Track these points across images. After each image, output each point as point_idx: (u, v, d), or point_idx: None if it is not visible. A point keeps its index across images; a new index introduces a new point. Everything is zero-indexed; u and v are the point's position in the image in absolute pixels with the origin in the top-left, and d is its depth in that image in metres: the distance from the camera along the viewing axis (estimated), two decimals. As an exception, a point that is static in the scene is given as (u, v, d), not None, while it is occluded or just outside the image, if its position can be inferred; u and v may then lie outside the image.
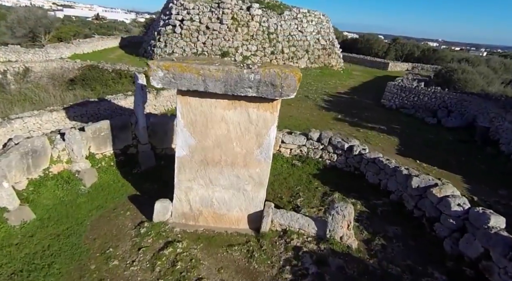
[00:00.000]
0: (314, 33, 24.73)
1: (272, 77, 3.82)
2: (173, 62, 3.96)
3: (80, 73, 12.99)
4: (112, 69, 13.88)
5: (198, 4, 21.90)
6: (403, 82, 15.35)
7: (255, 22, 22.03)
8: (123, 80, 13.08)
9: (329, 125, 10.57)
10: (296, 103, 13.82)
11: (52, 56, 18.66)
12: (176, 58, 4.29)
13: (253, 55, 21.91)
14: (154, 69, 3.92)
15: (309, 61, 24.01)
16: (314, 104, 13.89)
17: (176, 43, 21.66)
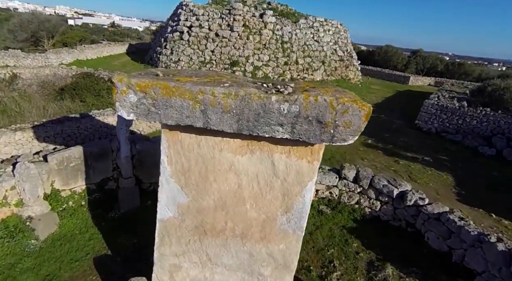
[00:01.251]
0: (331, 44, 23.39)
1: (320, 110, 2.26)
2: (155, 80, 2.46)
3: (72, 81, 11.79)
4: (109, 78, 12.68)
5: (208, 10, 20.95)
6: (441, 100, 13.60)
7: (268, 30, 20.87)
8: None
9: (359, 154, 8.83)
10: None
11: (53, 62, 17.77)
12: (163, 72, 2.80)
13: (265, 66, 20.62)
14: (122, 90, 2.42)
15: (325, 73, 22.56)
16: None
17: (183, 50, 20.61)
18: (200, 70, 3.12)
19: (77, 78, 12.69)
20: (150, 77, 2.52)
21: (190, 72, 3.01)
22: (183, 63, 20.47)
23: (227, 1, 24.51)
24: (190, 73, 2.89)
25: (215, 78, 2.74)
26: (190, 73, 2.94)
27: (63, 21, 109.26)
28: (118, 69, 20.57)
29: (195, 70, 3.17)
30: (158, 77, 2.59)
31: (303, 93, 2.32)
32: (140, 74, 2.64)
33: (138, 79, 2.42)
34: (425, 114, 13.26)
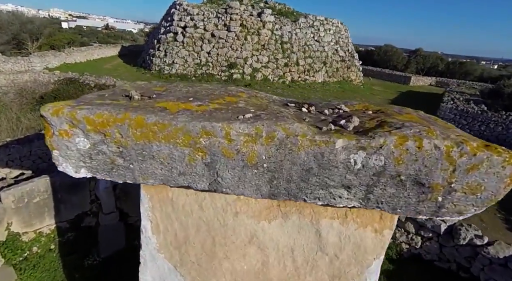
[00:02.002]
0: (332, 44, 22.51)
1: (425, 164, 1.24)
2: (122, 110, 1.43)
3: (54, 88, 10.66)
4: (95, 84, 11.57)
5: (203, 10, 19.90)
6: (457, 104, 12.74)
7: (267, 30, 19.90)
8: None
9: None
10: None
11: (36, 66, 16.54)
12: (141, 91, 1.78)
13: (265, 67, 19.63)
14: (61, 131, 1.37)
15: (327, 74, 21.67)
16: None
17: (177, 52, 19.53)
18: (201, 86, 2.09)
19: (59, 85, 11.55)
20: (115, 104, 1.48)
21: (185, 89, 1.97)
22: (178, 65, 19.38)
23: (222, 1, 23.49)
24: (184, 92, 1.86)
25: (226, 101, 1.72)
26: (185, 91, 1.91)
27: (56, 23, 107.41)
28: (108, 73, 19.39)
29: (192, 86, 2.12)
30: (131, 102, 1.56)
31: (391, 133, 1.30)
32: (100, 97, 1.60)
33: (92, 110, 1.37)
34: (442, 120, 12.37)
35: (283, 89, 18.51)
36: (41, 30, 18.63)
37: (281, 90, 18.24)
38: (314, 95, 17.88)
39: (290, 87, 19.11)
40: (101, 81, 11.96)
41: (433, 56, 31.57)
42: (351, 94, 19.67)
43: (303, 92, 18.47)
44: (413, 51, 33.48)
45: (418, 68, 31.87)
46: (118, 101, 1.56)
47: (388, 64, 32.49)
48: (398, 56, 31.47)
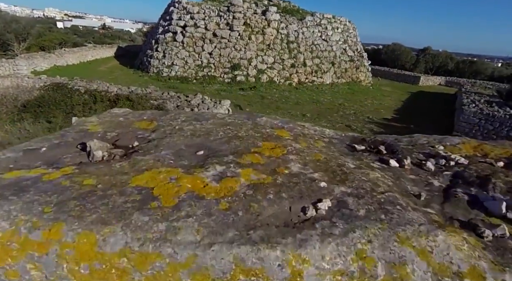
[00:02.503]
0: (341, 43, 21.34)
1: None
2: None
3: (38, 95, 9.44)
4: (85, 90, 10.37)
5: (203, 8, 18.68)
6: (478, 105, 11.60)
7: (272, 29, 18.70)
8: (97, 106, 9.48)
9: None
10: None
11: (23, 70, 15.30)
12: (108, 129, 1.07)
13: (270, 68, 18.44)
14: None
15: (335, 75, 20.50)
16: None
17: (176, 53, 18.31)
18: (214, 117, 0.99)
19: (45, 91, 10.33)
20: (37, 193, 0.46)
21: (189, 127, 1.09)
22: (177, 67, 18.16)
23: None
24: (189, 135, 1.00)
25: (264, 155, 0.97)
26: (189, 132, 1.03)
27: (50, 23, 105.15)
28: (102, 76, 18.15)
29: (199, 118, 0.96)
30: (86, 168, 0.62)
31: None
32: (27, 155, 0.60)
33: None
34: (465, 125, 11.25)
35: (290, 91, 17.33)
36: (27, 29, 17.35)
37: (288, 93, 17.06)
38: (323, 97, 16.71)
39: (298, 90, 17.93)
40: (92, 87, 10.74)
41: (442, 55, 30.45)
42: (361, 96, 18.51)
43: (311, 94, 17.30)
44: (422, 50, 32.37)
45: (427, 67, 30.75)
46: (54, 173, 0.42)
47: (396, 64, 31.35)
48: (406, 55, 30.33)
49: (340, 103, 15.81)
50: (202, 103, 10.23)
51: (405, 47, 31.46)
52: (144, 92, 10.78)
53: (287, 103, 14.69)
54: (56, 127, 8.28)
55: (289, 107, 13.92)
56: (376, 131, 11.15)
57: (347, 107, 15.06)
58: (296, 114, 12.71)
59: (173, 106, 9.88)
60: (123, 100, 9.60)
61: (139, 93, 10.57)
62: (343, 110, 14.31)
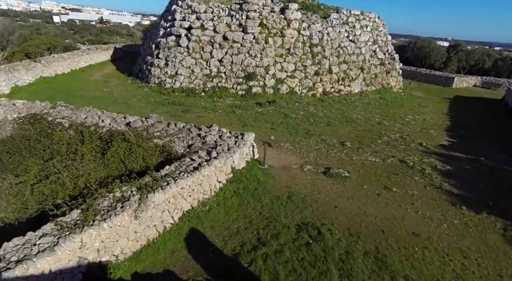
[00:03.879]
0: (370, 44, 18.77)
1: None
2: None
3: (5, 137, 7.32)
4: (71, 123, 8.23)
5: (211, 6, 16.25)
6: None
7: (293, 30, 16.22)
8: (86, 147, 7.32)
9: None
10: (399, 186, 7.86)
11: (2, 86, 13.16)
12: None
13: (290, 77, 16.05)
14: None
15: (365, 82, 18.02)
16: (434, 190, 7.83)
17: (181, 61, 15.99)
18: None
19: (19, 126, 8.20)
20: None
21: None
22: (182, 77, 15.88)
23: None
24: None
25: None
26: None
27: (48, 17, 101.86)
28: (95, 88, 15.92)
29: None
30: None
31: None
32: None
33: None
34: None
35: (315, 105, 14.98)
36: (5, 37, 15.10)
37: (314, 107, 14.72)
38: (356, 113, 14.35)
39: (323, 102, 15.56)
40: (79, 117, 8.52)
41: (478, 51, 27.56)
42: (398, 109, 16.07)
43: (341, 108, 14.93)
44: (452, 46, 29.46)
45: (459, 66, 27.94)
46: None
47: (424, 62, 28.59)
48: (436, 53, 27.51)
49: (378, 121, 13.43)
50: (220, 140, 8.01)
51: (434, 43, 28.62)
52: (146, 124, 8.56)
53: (317, 124, 12.38)
54: (27, 186, 6.19)
55: (321, 131, 11.62)
56: (442, 170, 8.82)
57: (389, 127, 12.68)
58: (332, 143, 10.42)
59: (183, 146, 7.68)
60: (118, 140, 7.43)
61: (139, 127, 8.35)
62: (385, 132, 11.96)
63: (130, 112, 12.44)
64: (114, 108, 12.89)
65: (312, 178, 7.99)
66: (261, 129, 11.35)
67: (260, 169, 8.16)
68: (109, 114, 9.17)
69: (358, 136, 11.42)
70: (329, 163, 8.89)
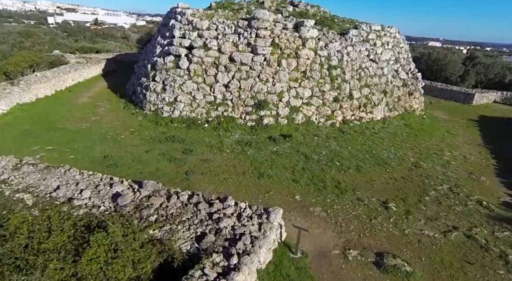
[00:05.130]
0: (392, 62, 16.84)
1: None
2: None
3: None
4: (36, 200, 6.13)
5: (215, 22, 14.17)
6: None
7: (309, 50, 14.20)
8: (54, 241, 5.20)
9: None
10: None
11: (-35, 121, 10.94)
12: None
13: (306, 105, 14.02)
14: None
15: (387, 107, 16.07)
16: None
17: (181, 85, 13.87)
18: None
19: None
20: None
21: None
22: (183, 105, 13.75)
23: (239, 4, 17.71)
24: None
25: None
26: None
27: (42, 18, 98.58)
28: (82, 116, 13.66)
29: None
30: None
31: None
32: None
33: None
34: None
35: (336, 139, 12.98)
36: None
37: (335, 141, 12.73)
38: (385, 150, 12.39)
39: (344, 134, 13.56)
40: (50, 186, 6.35)
41: (498, 64, 25.86)
42: (429, 140, 14.14)
43: (367, 142, 12.95)
44: (468, 58, 27.75)
45: (477, 79, 26.20)
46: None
47: (439, 75, 26.79)
48: (453, 66, 25.74)
49: (414, 162, 11.46)
50: (239, 223, 5.96)
51: (451, 55, 26.86)
52: (138, 197, 6.45)
53: (345, 170, 10.35)
54: None
55: (353, 181, 9.61)
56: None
57: (429, 172, 10.69)
58: (372, 204, 8.41)
59: (190, 239, 5.60)
60: (98, 236, 5.33)
61: (129, 204, 6.23)
62: (428, 182, 9.98)
63: (119, 155, 10.33)
64: (101, 149, 10.76)
65: (363, 276, 5.95)
66: (281, 181, 9.29)
67: (293, 262, 6.11)
68: (91, 178, 7.03)
69: (399, 189, 9.42)
70: (377, 243, 6.87)
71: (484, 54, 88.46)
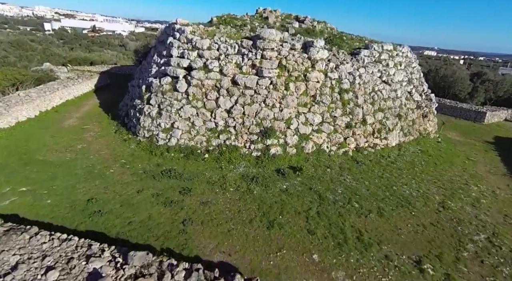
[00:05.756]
0: (405, 84, 15.83)
1: None
2: None
3: None
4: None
5: (217, 41, 13.07)
6: None
7: (318, 72, 13.12)
8: None
9: None
10: None
11: None
12: None
13: (316, 132, 12.84)
14: None
15: (402, 132, 14.96)
16: None
17: (178, 110, 12.63)
18: None
19: None
20: None
21: None
22: (180, 132, 12.49)
23: (241, 19, 16.70)
24: None
25: None
26: None
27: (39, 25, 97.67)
28: (67, 145, 12.09)
29: None
30: None
31: None
32: None
33: None
34: None
35: (351, 171, 11.77)
36: None
37: (350, 174, 11.51)
38: (405, 184, 11.20)
39: (359, 164, 12.36)
40: None
41: (507, 81, 25.15)
42: (450, 170, 13.00)
43: (384, 175, 11.75)
44: (475, 74, 27.05)
45: (486, 97, 25.41)
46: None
47: (447, 92, 25.96)
48: (462, 83, 24.96)
49: (441, 201, 10.26)
50: (249, 316, 4.65)
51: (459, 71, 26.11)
52: None
53: (365, 215, 9.09)
54: None
55: (376, 231, 8.34)
56: None
57: (460, 215, 9.48)
58: (404, 265, 7.13)
59: None
60: None
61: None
62: (462, 230, 8.75)
63: (106, 198, 8.86)
64: (85, 189, 9.40)
65: None
66: (295, 233, 7.98)
67: None
68: (63, 247, 5.65)
69: (431, 241, 8.16)
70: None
71: (479, 64, 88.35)
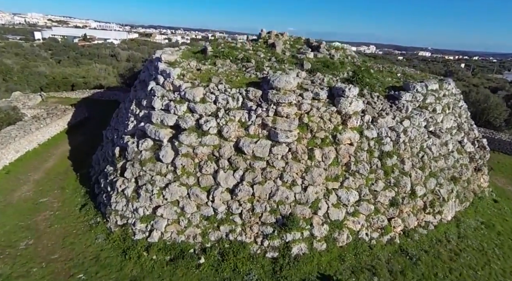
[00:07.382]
0: (455, 132, 12.55)
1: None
2: None
3: None
4: None
5: (213, 90, 9.75)
6: None
7: (352, 131, 9.79)
8: None
9: None
10: None
11: None
12: None
13: (352, 215, 9.46)
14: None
15: (458, 200, 11.60)
16: None
17: (163, 189, 9.20)
18: None
19: None
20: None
21: None
22: (165, 222, 9.04)
23: (242, 49, 13.41)
24: None
25: None
26: None
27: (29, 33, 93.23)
28: (6, 241, 8.82)
29: None
30: None
31: None
32: None
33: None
34: None
35: (405, 276, 8.39)
36: None
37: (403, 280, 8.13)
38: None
39: (412, 260, 9.02)
40: None
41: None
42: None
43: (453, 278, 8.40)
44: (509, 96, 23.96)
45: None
46: None
47: (479, 118, 22.75)
48: (498, 109, 21.80)
49: None
50: None
51: (493, 96, 22.98)
52: None
53: None
54: None
55: None
56: None
57: None
58: None
59: None
60: None
61: None
62: None
63: None
64: None
65: None
66: None
67: None
68: None
69: None
70: None
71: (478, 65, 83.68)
